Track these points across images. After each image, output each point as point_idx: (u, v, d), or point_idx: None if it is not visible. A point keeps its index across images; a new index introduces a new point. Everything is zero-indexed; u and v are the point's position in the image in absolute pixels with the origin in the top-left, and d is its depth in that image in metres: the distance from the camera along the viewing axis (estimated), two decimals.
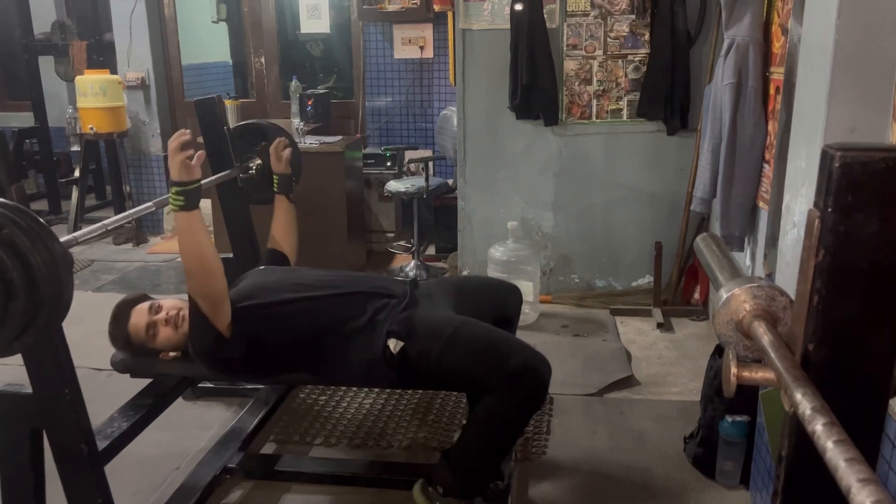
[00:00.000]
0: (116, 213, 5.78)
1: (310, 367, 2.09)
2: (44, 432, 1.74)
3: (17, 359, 1.65)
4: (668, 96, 3.58)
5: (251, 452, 2.47)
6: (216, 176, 2.55)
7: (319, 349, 2.04)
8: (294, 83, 4.89)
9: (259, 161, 2.75)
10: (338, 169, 3.93)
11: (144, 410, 1.99)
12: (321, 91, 5.11)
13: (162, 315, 2.12)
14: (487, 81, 3.74)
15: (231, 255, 2.72)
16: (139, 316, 2.12)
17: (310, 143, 3.93)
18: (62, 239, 1.70)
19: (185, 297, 1.99)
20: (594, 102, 3.70)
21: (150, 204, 2.13)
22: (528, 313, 3.67)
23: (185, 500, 2.16)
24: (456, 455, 2.00)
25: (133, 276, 4.56)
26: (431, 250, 4.81)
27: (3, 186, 1.45)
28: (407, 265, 4.49)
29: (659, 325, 3.56)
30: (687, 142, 3.66)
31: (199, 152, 1.92)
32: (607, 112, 3.71)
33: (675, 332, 3.55)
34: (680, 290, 3.77)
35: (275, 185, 2.60)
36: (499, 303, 2.37)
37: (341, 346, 2.03)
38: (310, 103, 4.88)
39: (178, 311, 2.13)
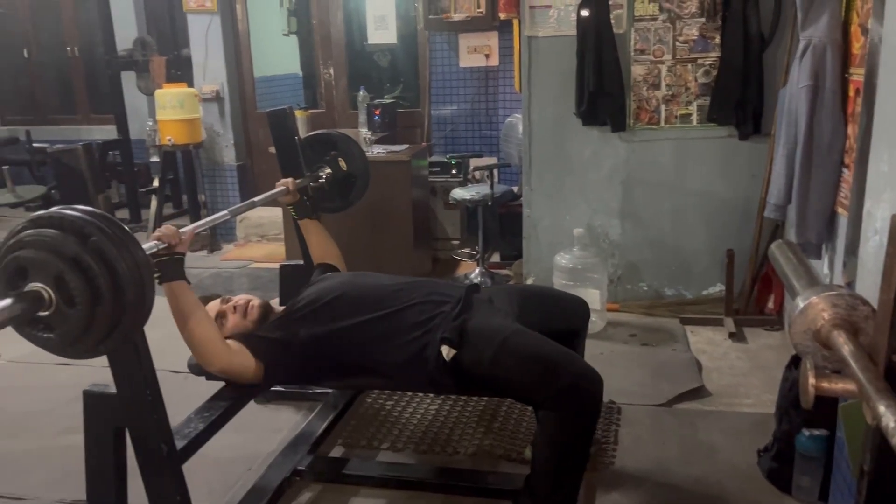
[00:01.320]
0: (192, 222, 6.02)
1: (370, 373, 2.13)
2: (126, 431, 1.82)
3: (100, 360, 1.73)
4: (740, 100, 3.49)
5: (320, 455, 2.52)
6: (280, 189, 2.61)
7: (378, 358, 2.07)
8: (362, 93, 4.98)
9: (329, 170, 2.81)
10: (404, 177, 3.97)
11: (219, 412, 2.05)
12: (388, 101, 5.18)
13: (231, 304, 2.20)
14: (553, 88, 3.73)
15: (301, 262, 2.78)
16: (210, 308, 2.19)
17: (377, 152, 3.99)
18: (144, 246, 1.79)
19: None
20: (662, 108, 3.64)
21: (225, 212, 2.20)
22: (595, 322, 3.63)
23: (256, 500, 2.22)
24: (534, 482, 1.98)
25: (207, 282, 4.72)
26: (496, 258, 4.81)
27: (90, 196, 1.55)
28: (472, 273, 4.50)
29: (731, 335, 3.47)
30: (760, 147, 3.56)
31: (188, 235, 1.97)
32: (676, 117, 3.64)
33: (747, 342, 3.45)
34: (753, 299, 3.66)
35: (293, 212, 2.64)
36: (563, 314, 2.34)
37: (399, 352, 2.05)
38: (377, 113, 4.96)
39: (248, 301, 2.21)
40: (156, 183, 5.60)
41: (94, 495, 1.88)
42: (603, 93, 3.55)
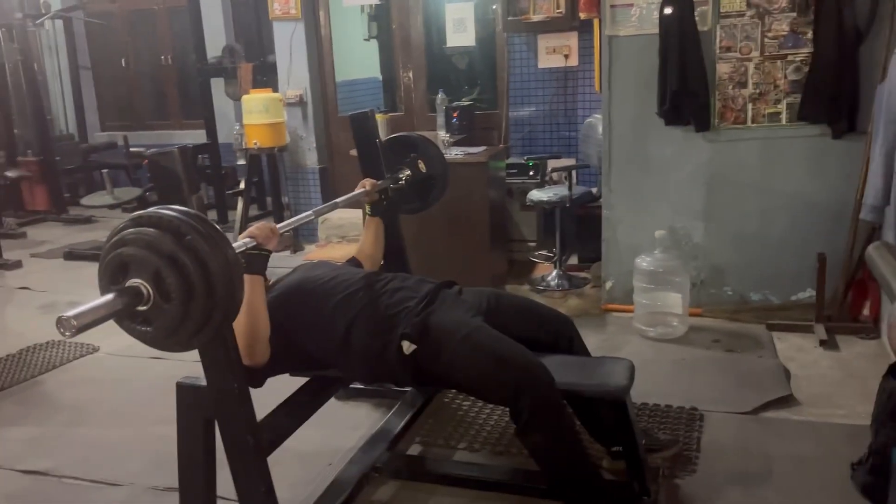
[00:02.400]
0: (276, 222, 6.20)
1: (333, 362, 2.17)
2: (215, 422, 1.89)
3: (191, 356, 1.81)
4: (833, 98, 3.35)
5: (398, 453, 2.55)
6: (360, 190, 2.66)
7: (342, 346, 2.11)
8: (440, 96, 5.01)
9: (409, 172, 2.85)
10: (481, 179, 3.98)
11: (302, 407, 2.12)
12: (466, 103, 5.19)
13: None
14: (634, 88, 3.67)
15: (382, 263, 2.82)
16: None
17: (455, 154, 4.02)
18: (237, 243, 1.87)
19: None
20: (749, 106, 3.52)
21: (310, 213, 2.27)
22: (676, 326, 3.55)
23: (336, 495, 2.27)
24: (558, 497, 2.03)
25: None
26: (573, 260, 4.76)
27: (185, 196, 1.64)
28: (548, 275, 4.47)
29: (822, 343, 3.32)
30: (855, 146, 3.40)
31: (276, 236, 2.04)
32: (764, 116, 3.52)
33: (840, 350, 3.29)
34: (847, 305, 3.50)
35: (368, 210, 2.69)
36: (534, 327, 2.29)
37: (361, 345, 2.09)
38: (455, 115, 4.97)
39: None
40: (242, 185, 5.81)
41: (185, 483, 1.97)
42: (686, 92, 3.47)
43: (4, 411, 3.11)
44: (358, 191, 2.57)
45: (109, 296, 1.49)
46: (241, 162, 5.87)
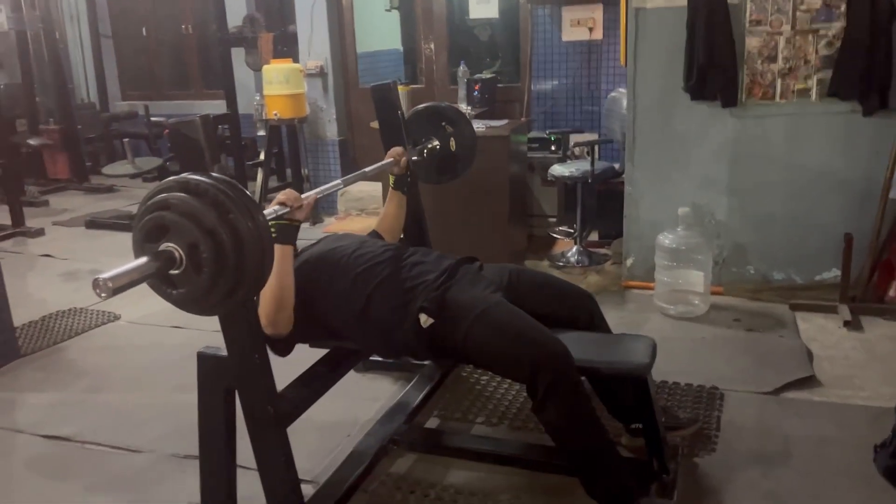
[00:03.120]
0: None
1: (352, 334, 2.17)
2: (236, 392, 1.90)
3: (212, 324, 1.82)
4: (865, 74, 3.26)
5: (416, 426, 2.56)
6: (389, 160, 2.64)
7: (361, 318, 2.10)
8: (462, 68, 4.96)
9: (436, 143, 2.82)
10: (503, 153, 3.94)
11: (322, 379, 2.12)
12: (488, 76, 5.14)
13: None
14: (660, 62, 3.60)
15: (401, 236, 2.81)
16: None
17: (477, 126, 3.94)
18: (267, 210, 1.85)
19: None
20: (779, 82, 3.45)
21: (338, 181, 2.26)
22: (697, 305, 3.52)
23: (355, 466, 2.28)
24: (579, 478, 2.02)
25: None
26: (594, 237, 4.72)
27: (206, 165, 1.63)
28: (568, 251, 4.44)
29: (846, 324, 3.28)
30: (886, 123, 3.33)
31: (309, 202, 2.02)
32: (793, 92, 3.44)
33: (864, 331, 3.25)
34: (872, 285, 3.44)
35: (391, 181, 2.66)
36: (554, 303, 2.27)
37: (379, 317, 2.09)
38: (476, 88, 4.94)
39: None
40: (262, 156, 5.81)
41: (205, 451, 1.99)
42: (714, 66, 3.40)
43: (26, 377, 3.15)
44: (387, 160, 2.55)
45: (144, 259, 1.48)
46: (261, 133, 5.86)
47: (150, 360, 3.31)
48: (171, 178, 1.55)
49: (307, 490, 2.29)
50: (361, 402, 2.82)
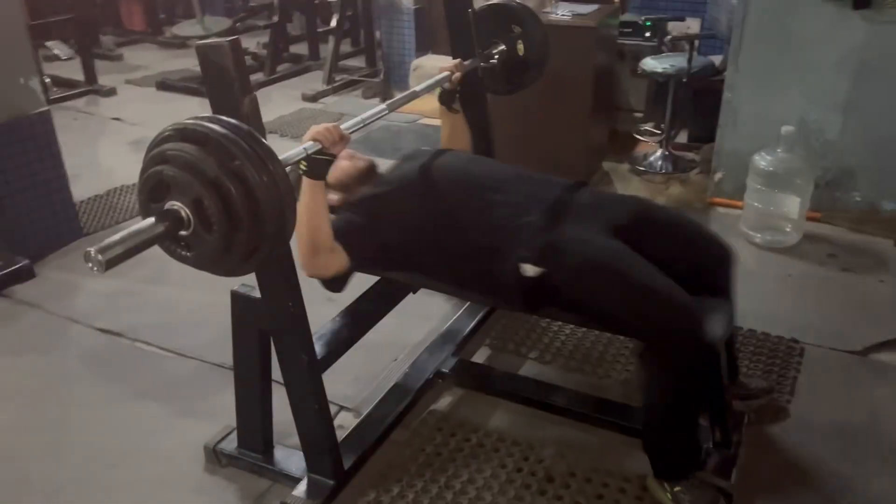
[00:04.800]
0: (367, 62, 5.92)
1: (435, 272, 1.95)
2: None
3: None
4: None
5: (464, 359, 2.44)
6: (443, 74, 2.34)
7: (452, 256, 1.88)
8: None
9: (503, 47, 2.50)
10: (587, 46, 3.52)
11: (364, 318, 2.00)
12: None
13: (348, 152, 2.01)
14: None
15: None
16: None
17: (561, 14, 3.55)
18: (300, 147, 1.65)
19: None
20: None
21: (383, 106, 1.99)
22: (789, 233, 3.20)
23: (398, 401, 2.21)
24: (644, 438, 1.85)
25: (377, 135, 4.65)
26: (682, 138, 4.32)
27: (235, 99, 1.42)
28: (652, 154, 4.08)
29: None
30: None
31: (347, 136, 1.75)
32: None
33: None
34: None
35: (440, 98, 2.33)
36: (685, 251, 1.88)
37: (472, 257, 1.85)
38: None
39: (364, 159, 2.09)
40: (334, 23, 5.49)
41: (241, 389, 1.93)
42: None
43: None
44: (441, 75, 2.26)
45: (149, 220, 1.34)
46: None
47: None
48: (170, 125, 1.35)
49: (348, 419, 2.25)
50: (413, 320, 2.70)
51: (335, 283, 1.93)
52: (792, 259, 3.08)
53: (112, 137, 4.72)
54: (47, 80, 5.39)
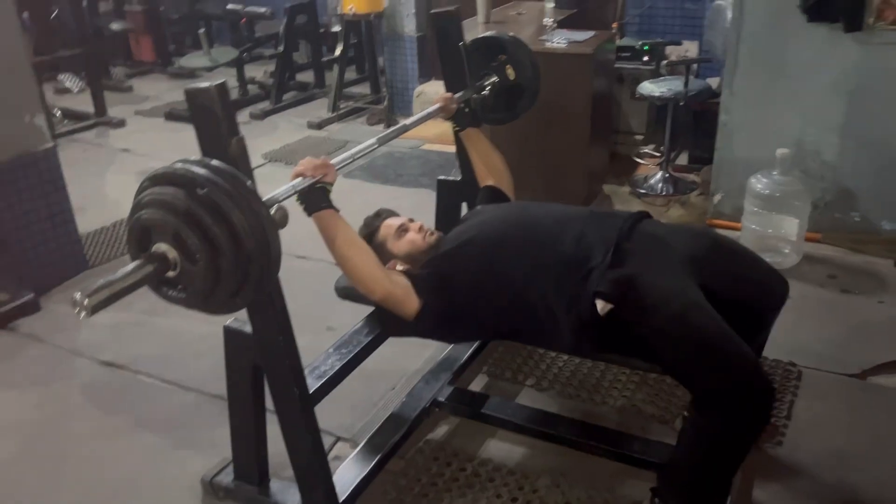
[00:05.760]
0: (372, 89, 5.99)
1: (494, 330, 1.99)
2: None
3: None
4: None
5: (460, 388, 2.45)
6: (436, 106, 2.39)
7: (511, 310, 1.87)
8: None
9: (495, 78, 2.54)
10: (584, 73, 3.56)
11: (359, 348, 2.01)
12: None
13: (418, 223, 2.09)
14: None
15: (459, 178, 2.60)
16: (398, 218, 2.12)
17: (557, 42, 3.58)
18: (287, 186, 1.69)
19: None
20: None
21: (373, 140, 2.03)
22: (788, 254, 3.20)
23: (394, 430, 2.22)
24: (674, 478, 1.79)
25: (380, 162, 4.69)
26: (683, 160, 4.33)
27: (223, 139, 1.45)
28: (653, 176, 4.10)
29: None
30: None
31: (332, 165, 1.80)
32: None
33: None
34: None
35: (454, 125, 2.41)
36: (755, 285, 1.90)
37: (538, 307, 1.82)
38: None
39: (431, 230, 2.10)
40: (338, 51, 5.57)
41: (235, 422, 1.95)
42: None
43: None
44: (433, 107, 2.31)
45: (134, 264, 1.38)
46: (337, 28, 5.59)
47: None
48: (146, 176, 1.41)
49: (345, 450, 2.27)
50: (410, 347, 2.67)
51: (396, 328, 2.01)
52: (791, 281, 2.95)
53: (120, 168, 4.80)
54: (58, 112, 5.51)
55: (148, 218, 1.37)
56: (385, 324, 2.05)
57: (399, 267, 2.02)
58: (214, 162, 1.41)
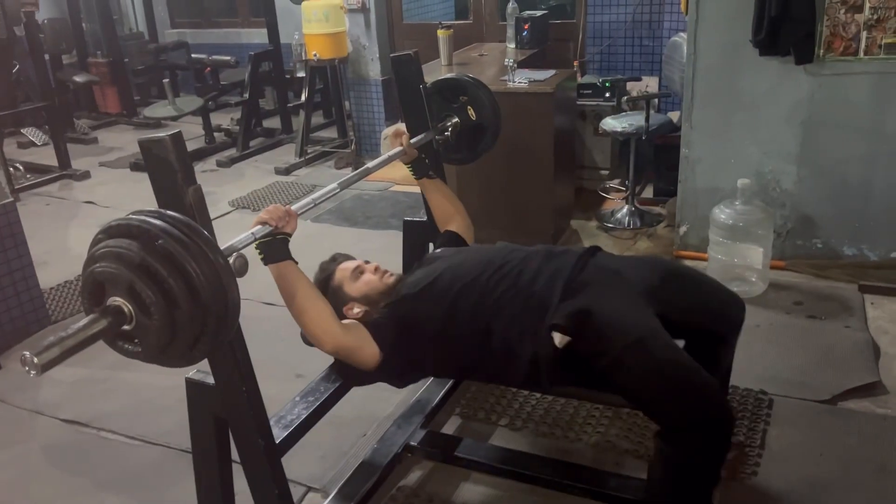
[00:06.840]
0: (339, 133, 6.01)
1: (456, 371, 2.01)
2: None
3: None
4: None
5: (433, 431, 2.42)
6: (414, 139, 2.40)
7: (475, 348, 1.87)
8: (511, 5, 4.59)
9: (456, 119, 2.56)
10: (546, 111, 3.61)
11: (326, 395, 1.97)
12: (538, 14, 4.73)
13: (373, 265, 2.09)
14: (726, 11, 3.17)
15: (424, 219, 2.60)
16: (353, 261, 2.11)
17: (518, 81, 3.64)
18: (249, 232, 1.68)
19: None
20: (864, 35, 3.00)
21: (334, 185, 2.04)
22: (755, 283, 3.23)
23: (365, 478, 2.17)
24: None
25: (348, 205, 4.69)
26: (649, 193, 4.39)
27: (179, 190, 1.44)
28: (619, 210, 4.14)
29: None
30: None
31: (294, 213, 1.80)
32: (880, 47, 2.99)
33: None
34: None
35: (411, 171, 2.42)
36: (712, 311, 1.94)
37: (499, 346, 1.82)
38: (526, 27, 4.55)
39: (388, 271, 2.09)
40: (303, 97, 5.60)
41: (200, 477, 1.89)
42: (788, 18, 2.97)
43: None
44: (395, 150, 2.31)
45: (88, 318, 1.34)
46: (301, 74, 5.63)
47: None
48: (100, 229, 1.38)
49: (316, 500, 2.21)
50: (381, 392, 2.59)
51: (357, 379, 1.98)
52: (759, 309, 3.10)
53: (83, 221, 4.73)
54: (19, 168, 5.46)
55: (102, 271, 1.34)
56: (344, 376, 2.02)
57: (356, 309, 2.01)
58: (170, 212, 1.39)
